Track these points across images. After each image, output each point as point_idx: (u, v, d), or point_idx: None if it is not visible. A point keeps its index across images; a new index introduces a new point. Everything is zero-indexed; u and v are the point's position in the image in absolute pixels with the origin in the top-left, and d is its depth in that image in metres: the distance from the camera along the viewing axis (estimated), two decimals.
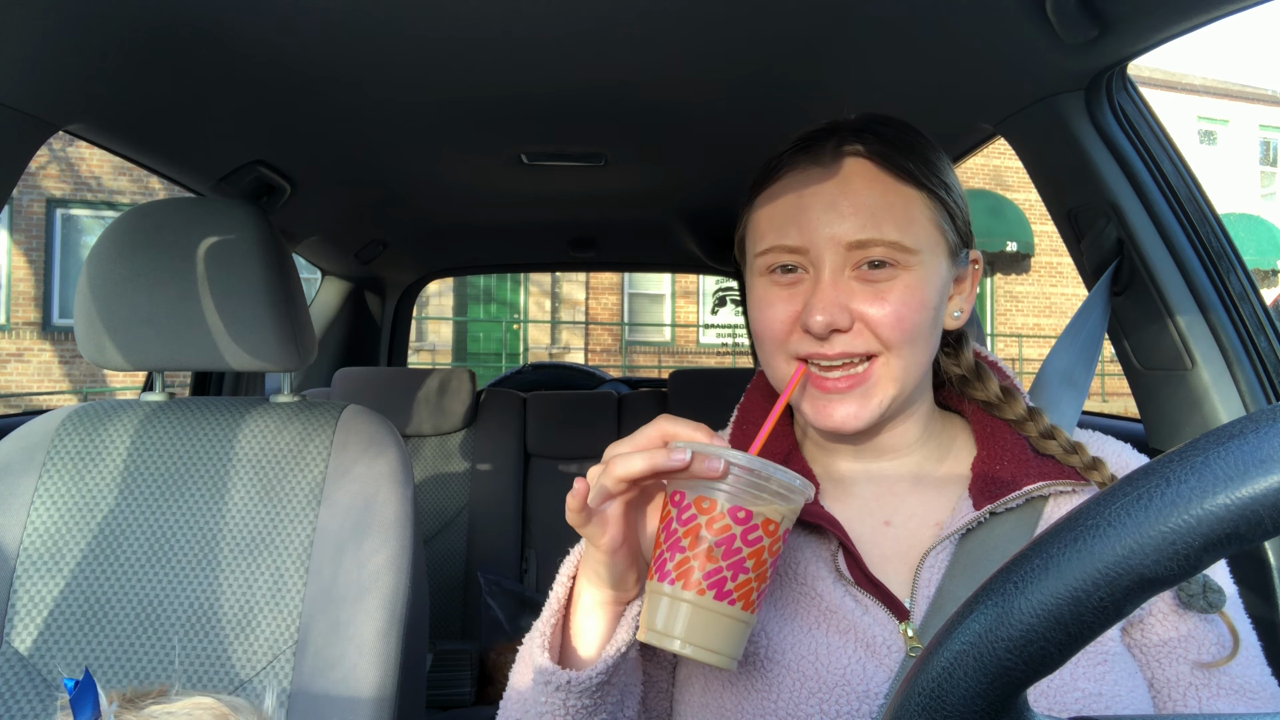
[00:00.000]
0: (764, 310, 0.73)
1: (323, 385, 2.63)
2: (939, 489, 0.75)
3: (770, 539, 0.56)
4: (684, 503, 0.57)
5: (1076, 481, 0.70)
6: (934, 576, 0.69)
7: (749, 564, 0.55)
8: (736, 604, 0.55)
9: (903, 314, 0.68)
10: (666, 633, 0.56)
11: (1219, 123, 17.44)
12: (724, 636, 0.56)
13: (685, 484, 0.57)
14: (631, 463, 0.56)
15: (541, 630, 0.64)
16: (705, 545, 0.55)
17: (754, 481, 0.55)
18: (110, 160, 10.15)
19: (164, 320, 1.08)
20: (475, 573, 2.34)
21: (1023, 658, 0.34)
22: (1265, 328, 1.10)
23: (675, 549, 0.56)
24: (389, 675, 0.99)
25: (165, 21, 0.95)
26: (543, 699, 0.62)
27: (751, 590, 0.56)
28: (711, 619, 0.55)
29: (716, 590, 0.55)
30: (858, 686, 0.65)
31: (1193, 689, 0.67)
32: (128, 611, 1.04)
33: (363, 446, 1.12)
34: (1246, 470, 0.31)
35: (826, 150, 0.72)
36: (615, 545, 0.60)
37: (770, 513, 0.56)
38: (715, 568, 0.55)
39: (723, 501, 0.55)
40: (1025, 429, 0.74)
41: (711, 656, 0.55)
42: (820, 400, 0.70)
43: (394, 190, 1.86)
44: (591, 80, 1.18)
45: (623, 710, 0.66)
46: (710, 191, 1.90)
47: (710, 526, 0.55)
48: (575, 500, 0.58)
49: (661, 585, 0.57)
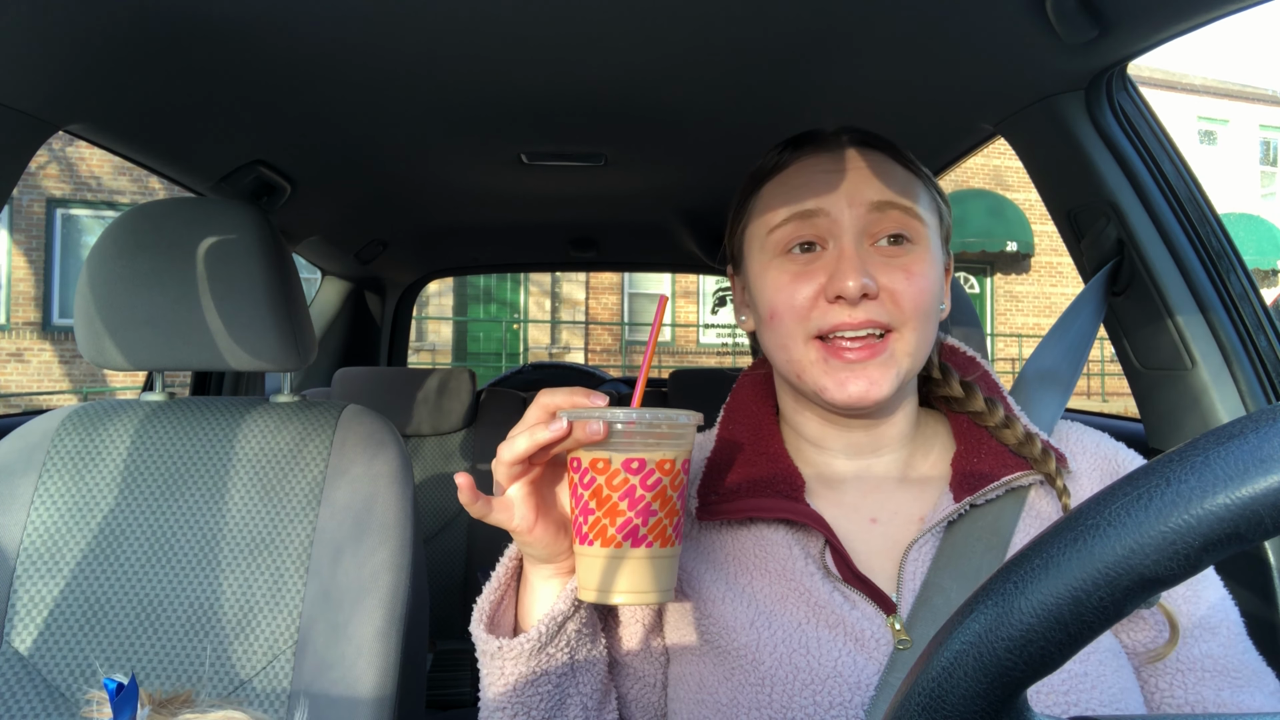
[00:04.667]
0: (783, 289, 0.72)
1: (323, 385, 2.63)
2: (923, 486, 0.77)
3: (669, 476, 0.59)
4: (581, 466, 0.59)
5: (1051, 472, 0.72)
6: (919, 569, 0.70)
7: (655, 505, 0.58)
8: (654, 545, 0.58)
9: (922, 286, 0.70)
10: (599, 589, 0.59)
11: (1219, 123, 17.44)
12: (651, 577, 0.59)
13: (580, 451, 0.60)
14: (515, 444, 0.59)
15: (480, 606, 0.68)
16: (610, 501, 0.58)
17: (639, 431, 0.58)
18: (110, 160, 10.15)
19: (164, 320, 1.08)
20: (475, 573, 2.34)
21: (1023, 658, 0.34)
22: (1265, 328, 1.10)
23: (585, 511, 0.59)
24: (389, 675, 0.99)
25: (165, 21, 0.95)
26: (484, 670, 0.67)
27: (665, 528, 0.59)
28: (635, 565, 0.58)
29: (631, 539, 0.58)
30: (849, 679, 0.66)
31: (1179, 673, 0.69)
32: (128, 611, 1.04)
33: (362, 446, 1.12)
34: (1246, 470, 0.31)
35: (828, 141, 0.76)
36: (529, 524, 0.62)
37: (663, 454, 0.58)
38: (625, 520, 0.58)
39: (615, 457, 0.58)
40: (984, 421, 0.76)
41: (645, 597, 0.59)
42: (841, 372, 0.70)
43: (394, 190, 1.86)
44: (591, 80, 1.18)
45: (575, 685, 0.69)
46: (710, 191, 1.90)
47: (610, 483, 0.58)
48: (464, 495, 0.60)
49: (583, 547, 0.60)
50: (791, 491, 0.74)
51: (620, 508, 0.58)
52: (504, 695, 0.67)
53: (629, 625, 0.76)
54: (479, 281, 12.84)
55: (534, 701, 0.67)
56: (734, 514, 0.74)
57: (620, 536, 0.58)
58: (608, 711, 0.74)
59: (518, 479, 0.61)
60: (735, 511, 0.74)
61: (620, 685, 0.77)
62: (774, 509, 0.72)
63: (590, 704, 0.71)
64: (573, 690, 0.69)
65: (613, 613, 0.77)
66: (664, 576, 0.59)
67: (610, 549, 0.58)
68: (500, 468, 0.60)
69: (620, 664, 0.77)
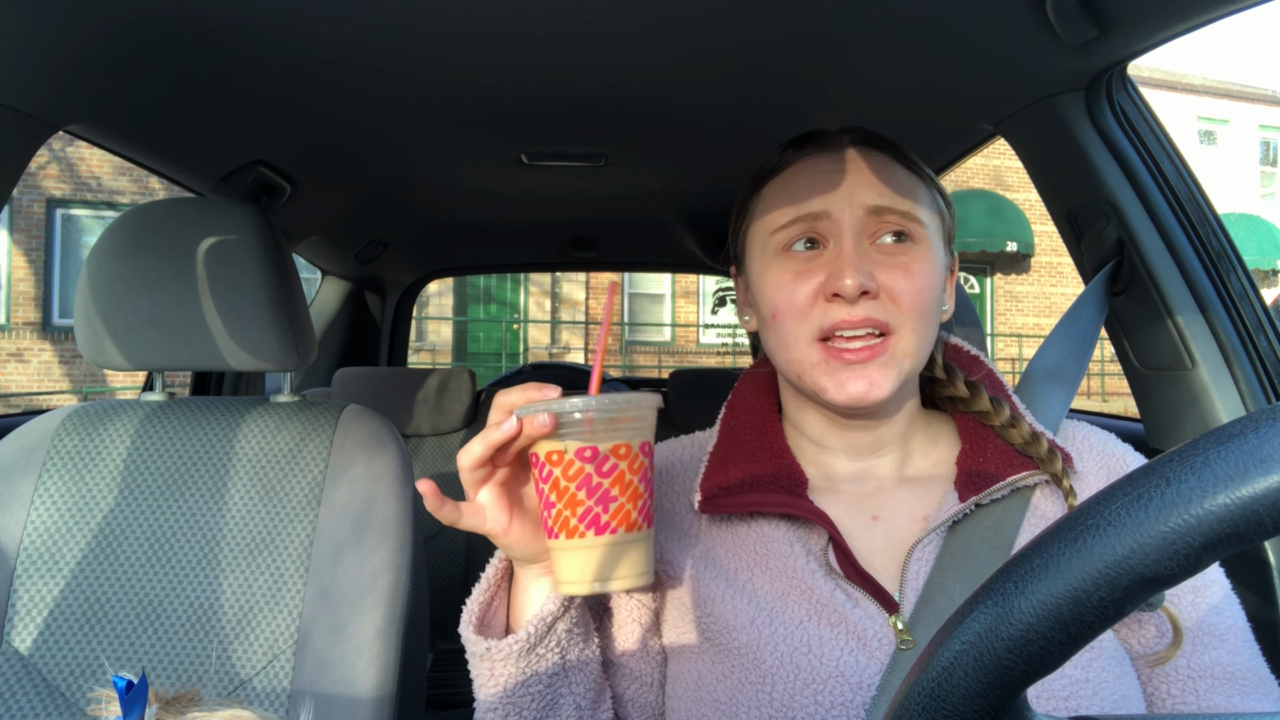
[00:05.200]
0: (784, 287, 0.73)
1: (323, 385, 2.63)
2: (925, 485, 0.76)
3: (626, 461, 0.58)
4: (540, 462, 0.59)
5: (1057, 472, 0.72)
6: (922, 569, 0.70)
7: (614, 491, 0.58)
8: (619, 530, 0.58)
9: (921, 286, 0.70)
10: (574, 580, 0.59)
11: (1219, 123, 17.44)
12: (622, 562, 0.59)
13: (537, 445, 0.60)
14: (471, 449, 0.59)
15: (469, 607, 0.68)
16: (568, 493, 0.58)
17: (594, 419, 0.58)
18: (110, 160, 10.15)
19: (164, 320, 1.08)
20: (475, 573, 2.34)
21: (1023, 658, 0.34)
22: (1265, 328, 1.10)
23: (548, 506, 0.59)
24: (389, 675, 0.99)
25: (165, 22, 0.95)
26: (474, 671, 0.67)
27: (629, 512, 0.58)
28: (603, 553, 0.58)
29: (595, 528, 0.58)
30: (850, 678, 0.65)
31: (1190, 680, 0.68)
32: (128, 611, 1.04)
33: (362, 446, 1.12)
34: (1246, 470, 0.31)
35: (830, 141, 0.76)
36: (503, 526, 0.63)
37: (618, 439, 0.58)
38: (585, 509, 0.58)
39: (568, 447, 0.58)
40: (989, 420, 0.76)
41: (621, 583, 0.59)
42: (842, 373, 0.70)
43: (394, 190, 1.86)
44: (591, 80, 1.18)
45: (568, 685, 0.69)
46: (711, 191, 1.90)
47: (565, 474, 0.58)
48: (430, 502, 0.60)
49: (552, 542, 0.60)
50: (794, 488, 0.74)
51: (579, 497, 0.58)
52: (495, 696, 0.67)
53: (625, 624, 0.76)
54: (479, 281, 12.84)
55: (525, 702, 0.67)
56: (736, 508, 0.73)
57: (583, 526, 0.57)
58: (602, 711, 0.73)
59: (483, 483, 0.62)
60: (738, 505, 0.73)
61: (616, 685, 0.77)
62: (777, 504, 0.72)
63: (584, 704, 0.71)
64: (565, 690, 0.69)
65: (608, 612, 0.77)
66: (635, 561, 0.59)
67: (575, 539, 0.58)
68: (463, 475, 0.61)
69: (616, 664, 0.76)
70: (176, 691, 0.52)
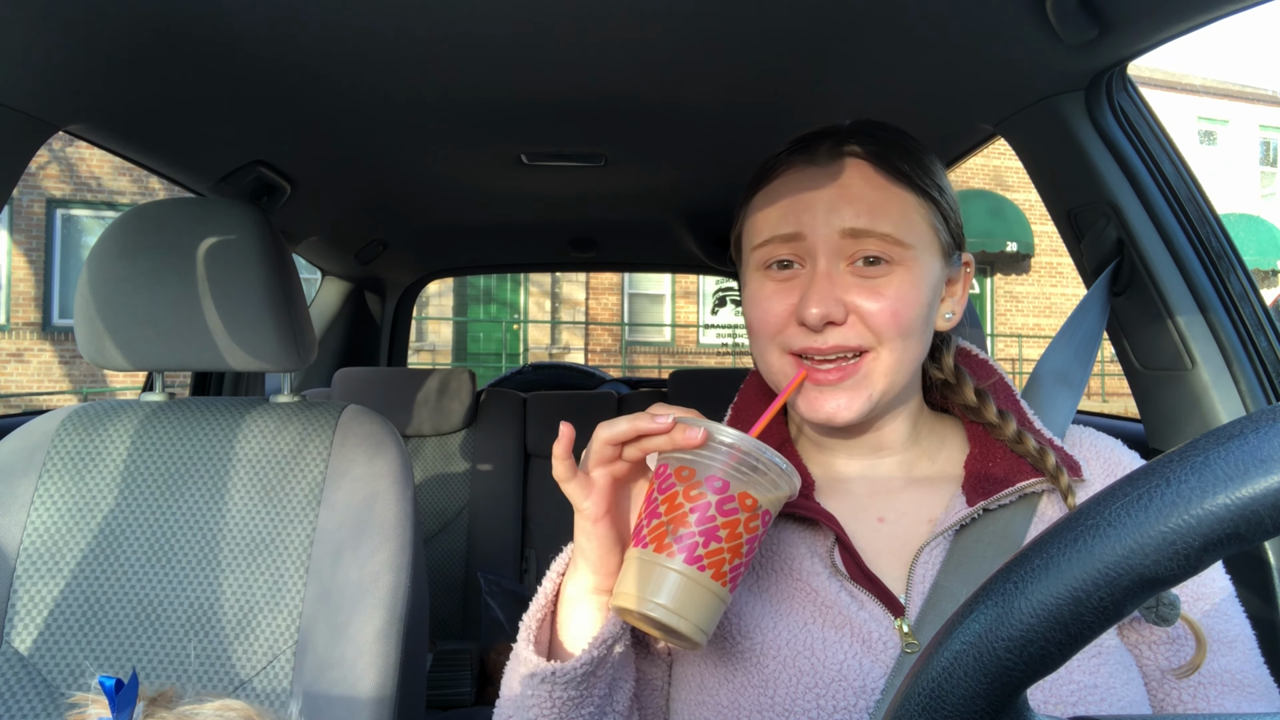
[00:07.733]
0: (759, 304, 0.73)
1: (323, 385, 2.63)
2: (932, 487, 0.76)
3: (747, 514, 0.56)
4: (666, 472, 0.58)
5: (1064, 488, 0.71)
6: (929, 572, 0.70)
7: (722, 533, 0.56)
8: (707, 571, 0.55)
9: (897, 308, 0.69)
10: (639, 596, 0.56)
11: (1219, 123, 17.44)
12: (693, 604, 0.55)
13: (669, 457, 0.59)
14: (616, 424, 0.59)
15: (528, 624, 0.66)
16: (679, 510, 0.56)
17: (736, 456, 0.57)
18: (110, 160, 10.15)
19: (164, 320, 1.08)
20: (475, 573, 2.34)
21: (1023, 658, 0.34)
22: (1265, 328, 1.10)
23: (653, 515, 0.58)
24: (389, 675, 0.99)
25: (165, 22, 0.95)
26: (530, 692, 0.63)
27: (723, 561, 0.56)
28: (679, 582, 0.55)
29: (687, 554, 0.55)
30: (854, 682, 0.65)
31: (1201, 686, 0.67)
32: (128, 612, 1.04)
33: (363, 447, 1.12)
34: (1246, 470, 0.31)
35: (823, 151, 0.73)
36: (599, 513, 0.61)
37: (750, 490, 0.57)
38: (688, 532, 0.56)
39: (700, 470, 0.57)
40: (997, 434, 0.75)
41: (681, 623, 0.55)
42: (812, 393, 0.71)
43: (394, 190, 1.86)
44: (591, 80, 1.18)
45: (611, 703, 0.67)
46: (710, 191, 1.90)
47: (687, 493, 0.57)
48: (560, 446, 0.60)
49: (635, 550, 0.58)
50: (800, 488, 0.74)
51: (688, 520, 0.56)
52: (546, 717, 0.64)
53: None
54: (479, 281, 12.83)
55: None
56: None
57: (676, 547, 0.55)
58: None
59: (605, 464, 0.61)
60: None
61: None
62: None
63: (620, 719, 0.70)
64: (609, 708, 0.67)
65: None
66: (701, 611, 0.56)
67: (661, 555, 0.56)
68: (594, 444, 0.60)
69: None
70: (158, 689, 0.52)
